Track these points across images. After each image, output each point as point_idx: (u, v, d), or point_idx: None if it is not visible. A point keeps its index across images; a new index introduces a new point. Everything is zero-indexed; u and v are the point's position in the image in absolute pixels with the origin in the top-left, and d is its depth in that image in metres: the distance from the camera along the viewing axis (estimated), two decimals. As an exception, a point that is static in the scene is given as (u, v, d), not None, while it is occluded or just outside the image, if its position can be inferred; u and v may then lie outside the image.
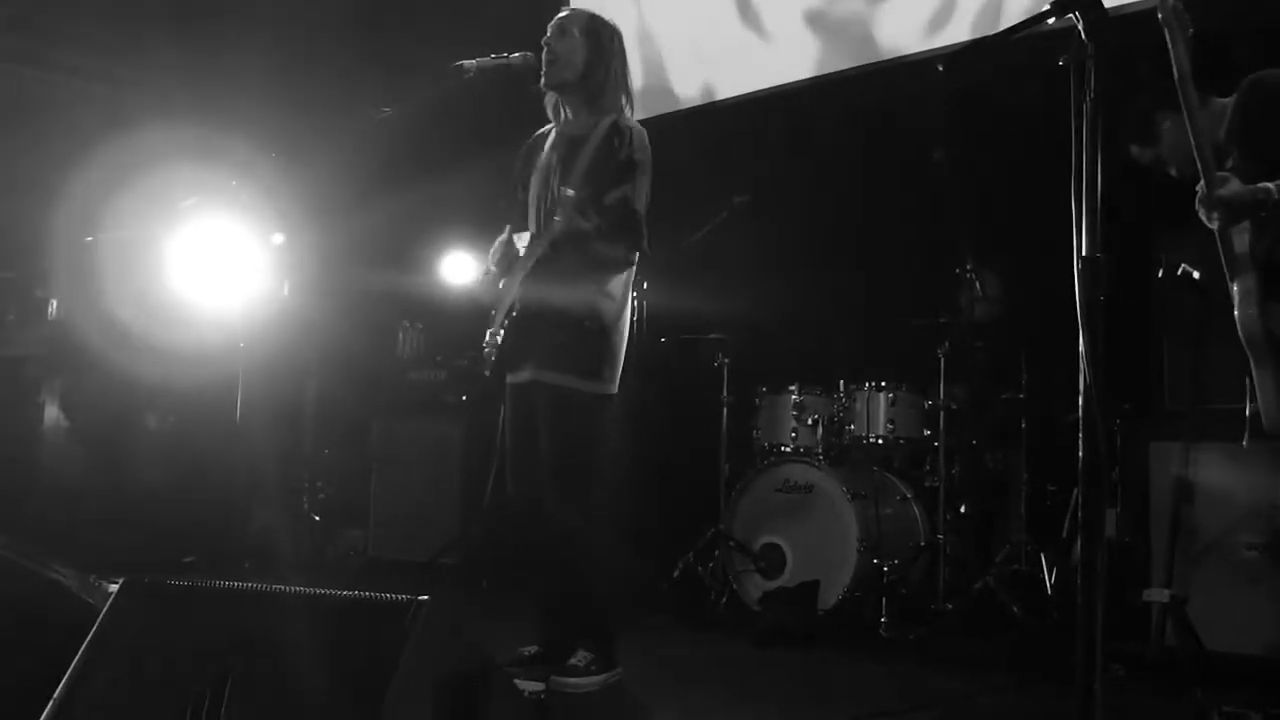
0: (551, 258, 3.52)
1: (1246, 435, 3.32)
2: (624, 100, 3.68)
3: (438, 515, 6.34)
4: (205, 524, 5.81)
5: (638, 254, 3.61)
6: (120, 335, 5.75)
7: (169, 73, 7.14)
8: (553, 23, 3.66)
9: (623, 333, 3.65)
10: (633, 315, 3.89)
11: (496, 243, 3.72)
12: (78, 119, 6.76)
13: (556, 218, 3.46)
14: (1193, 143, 2.68)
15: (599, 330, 3.56)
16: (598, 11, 3.75)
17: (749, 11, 6.07)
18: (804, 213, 5.71)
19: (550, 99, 3.71)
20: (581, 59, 3.61)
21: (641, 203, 3.55)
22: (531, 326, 3.55)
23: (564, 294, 3.52)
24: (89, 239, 5.48)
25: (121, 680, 2.06)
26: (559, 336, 3.52)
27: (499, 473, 3.75)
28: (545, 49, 3.61)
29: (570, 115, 3.67)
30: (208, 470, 5.85)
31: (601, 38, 3.65)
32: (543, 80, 3.64)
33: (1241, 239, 2.91)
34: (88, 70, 7.04)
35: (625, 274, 3.64)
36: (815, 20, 5.82)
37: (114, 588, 2.19)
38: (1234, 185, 2.64)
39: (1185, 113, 2.63)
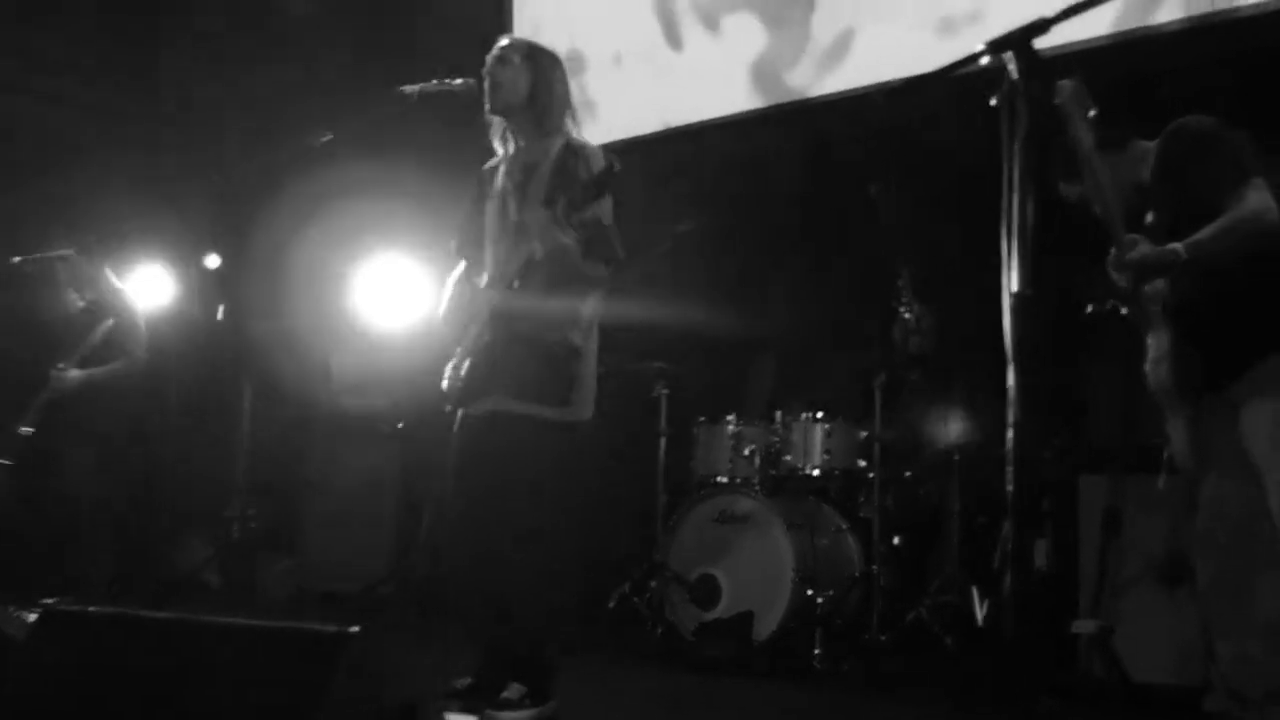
0: (524, 283, 3.49)
1: (1163, 476, 3.39)
2: (570, 121, 3.69)
3: (371, 545, 6.28)
4: (132, 553, 5.68)
5: (612, 274, 3.56)
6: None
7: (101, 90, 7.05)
8: (493, 51, 3.67)
9: (591, 357, 3.62)
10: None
11: (451, 278, 3.71)
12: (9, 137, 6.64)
13: (536, 242, 3.42)
14: (1101, 211, 2.74)
15: (567, 355, 3.53)
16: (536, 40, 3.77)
17: (687, 44, 6.12)
18: (743, 244, 5.76)
19: (497, 127, 3.71)
20: (525, 84, 3.62)
21: (610, 219, 3.52)
22: (499, 355, 3.52)
23: (534, 320, 3.49)
24: (14, 260, 5.36)
25: (39, 714, 2.00)
26: (528, 364, 3.49)
27: (441, 499, 3.70)
28: (487, 77, 3.62)
29: (520, 141, 3.68)
30: (134, 497, 5.73)
31: (542, 62, 3.67)
32: (487, 107, 3.64)
33: (1154, 296, 2.98)
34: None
35: (594, 297, 3.60)
36: (752, 54, 5.89)
37: (32, 617, 2.13)
38: (1143, 247, 2.71)
39: (1091, 186, 2.69)
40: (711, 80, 6.02)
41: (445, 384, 3.63)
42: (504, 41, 3.75)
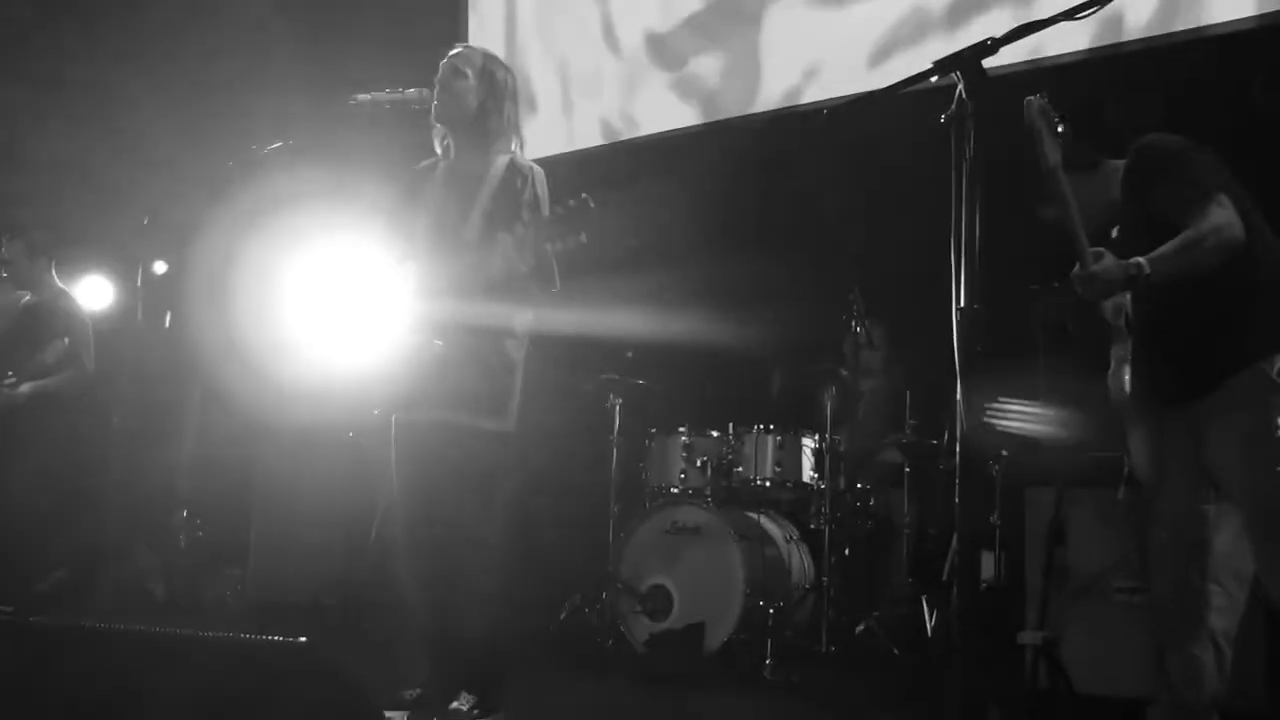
0: (482, 298, 3.48)
1: (1123, 488, 3.44)
2: (515, 142, 3.68)
3: (318, 556, 6.21)
4: (77, 564, 5.59)
5: (549, 291, 3.55)
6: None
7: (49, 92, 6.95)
8: (446, 60, 3.65)
9: (523, 369, 3.63)
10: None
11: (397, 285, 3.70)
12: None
13: (497, 262, 3.36)
14: (1068, 227, 2.78)
15: (505, 368, 3.53)
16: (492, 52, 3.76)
17: (640, 56, 6.14)
18: (695, 257, 5.78)
19: (439, 133, 3.69)
20: (475, 99, 3.60)
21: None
22: (437, 366, 3.50)
23: (465, 332, 3.49)
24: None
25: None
26: (466, 375, 3.47)
27: (388, 508, 3.68)
28: (438, 86, 3.60)
29: (460, 153, 3.66)
30: (79, 506, 5.64)
31: (496, 78, 3.65)
32: (433, 115, 3.63)
33: (1118, 310, 3.03)
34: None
35: (534, 312, 3.62)
36: (705, 67, 5.92)
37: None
38: (1107, 261, 2.75)
39: (1058, 201, 2.73)
40: (659, 94, 6.04)
41: (380, 388, 3.61)
42: (458, 50, 3.72)
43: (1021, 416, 4.09)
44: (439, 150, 3.72)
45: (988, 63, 2.35)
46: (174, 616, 5.37)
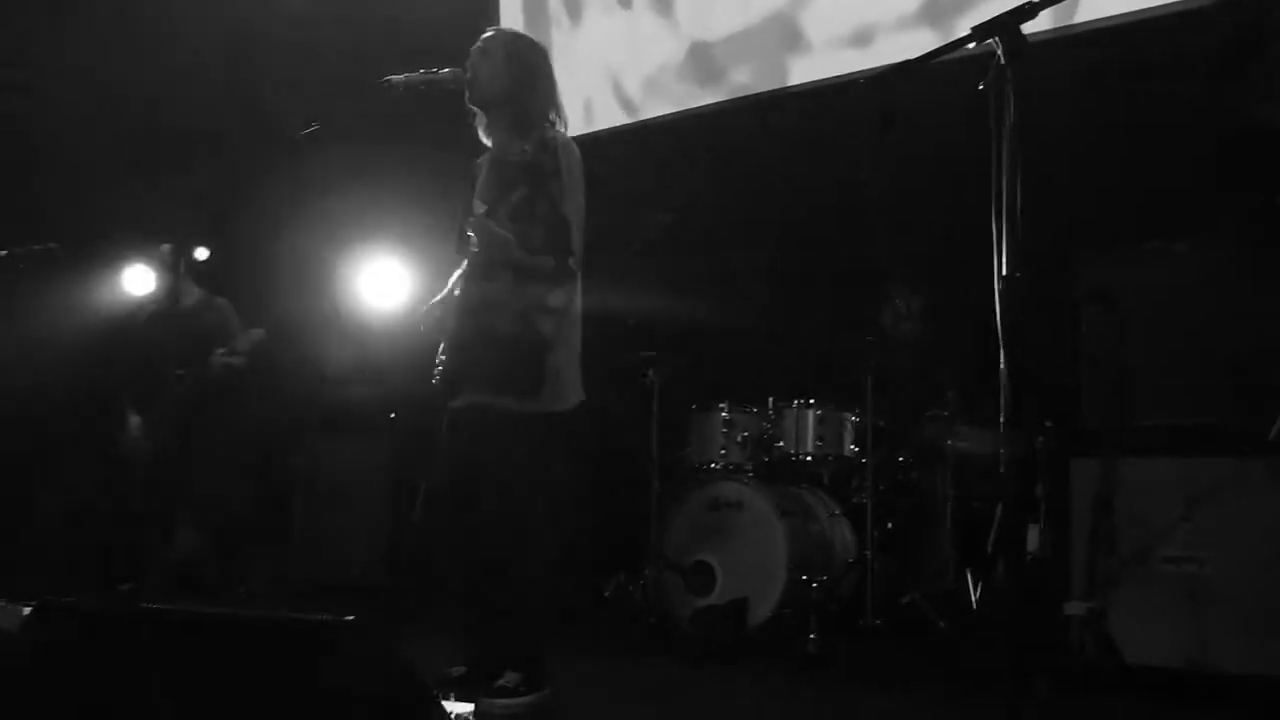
0: (479, 278, 3.50)
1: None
2: (554, 116, 3.66)
3: (362, 535, 6.27)
4: (123, 547, 5.68)
5: (570, 263, 3.52)
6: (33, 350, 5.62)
7: (86, 84, 7.01)
8: (476, 44, 3.64)
9: (568, 347, 3.59)
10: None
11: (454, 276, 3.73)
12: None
13: (470, 234, 3.41)
14: None
15: (533, 346, 3.51)
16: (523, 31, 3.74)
17: (676, 32, 6.10)
18: (732, 232, 5.76)
19: (478, 119, 3.69)
20: (505, 81, 3.58)
21: (570, 211, 3.48)
22: (464, 350, 3.52)
23: (494, 313, 3.49)
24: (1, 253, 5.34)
25: (34, 705, 2.00)
26: (490, 357, 3.48)
27: (429, 492, 3.70)
28: (469, 70, 3.59)
29: (496, 137, 3.66)
30: (125, 491, 5.72)
31: (526, 58, 3.63)
32: (466, 100, 3.62)
33: None
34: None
35: (565, 287, 3.54)
36: (741, 41, 5.87)
37: (26, 610, 2.13)
38: None
39: None
40: (692, 69, 6.01)
41: (436, 377, 3.65)
42: (488, 33, 3.71)
43: None
44: (482, 138, 3.71)
45: (1026, 27, 2.31)
46: (220, 597, 5.43)
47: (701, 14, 6.00)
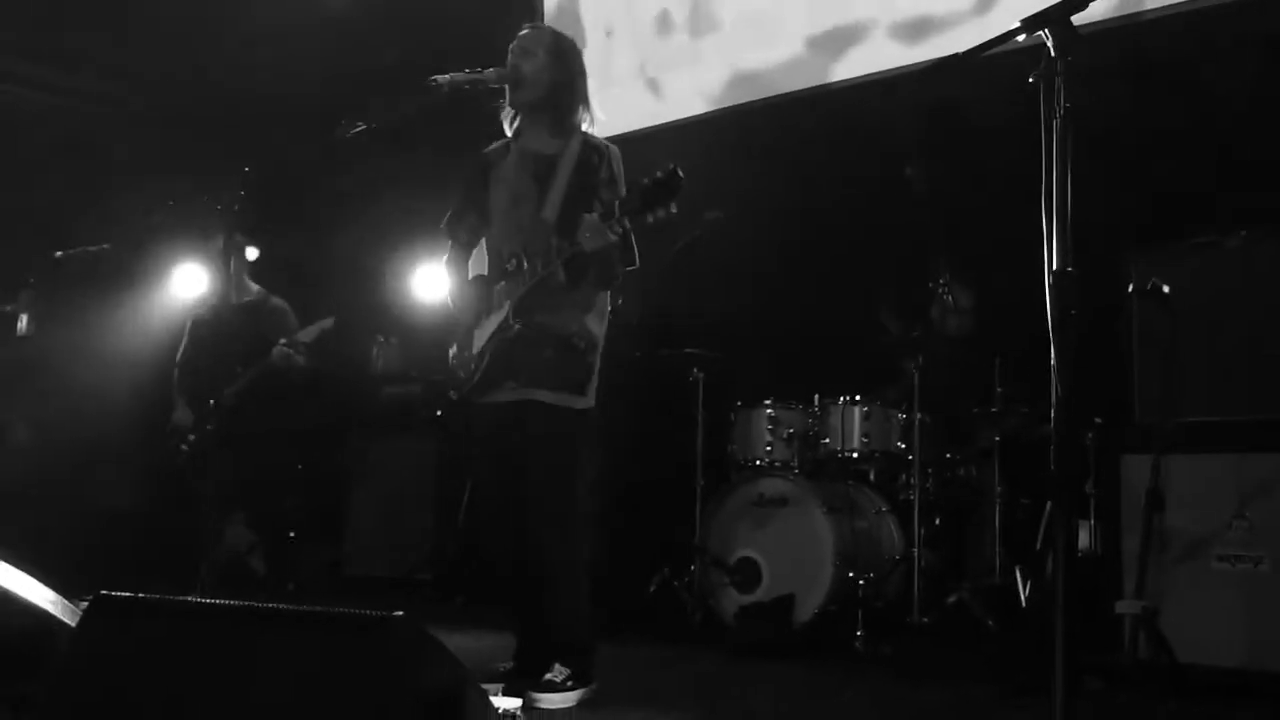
0: (567, 278, 3.49)
1: None
2: (587, 118, 3.69)
3: (412, 530, 6.32)
4: (175, 543, 5.76)
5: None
6: (88, 351, 5.72)
7: (134, 85, 7.12)
8: (516, 43, 3.65)
9: (601, 348, 3.67)
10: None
11: (446, 259, 3.76)
12: (39, 134, 6.71)
13: (583, 240, 3.33)
14: None
15: (587, 347, 3.57)
16: (559, 29, 3.76)
17: (720, 27, 6.09)
18: (778, 227, 5.73)
19: (508, 114, 3.70)
20: (548, 79, 3.61)
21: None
22: (519, 345, 3.53)
23: (561, 313, 3.53)
24: (58, 255, 5.44)
25: (92, 697, 2.03)
26: (548, 354, 3.51)
27: (475, 487, 3.73)
28: (511, 69, 3.61)
29: (534, 134, 3.67)
30: (178, 488, 5.80)
31: (568, 57, 3.66)
32: (508, 99, 3.64)
33: None
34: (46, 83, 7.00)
35: (610, 291, 3.68)
36: (790, 36, 5.85)
37: (82, 605, 2.17)
38: None
39: None
40: (739, 65, 5.99)
41: (457, 373, 3.66)
42: (527, 31, 3.72)
43: None
44: (508, 131, 3.73)
45: (1077, 19, 2.29)
46: (271, 592, 5.49)
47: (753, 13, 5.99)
